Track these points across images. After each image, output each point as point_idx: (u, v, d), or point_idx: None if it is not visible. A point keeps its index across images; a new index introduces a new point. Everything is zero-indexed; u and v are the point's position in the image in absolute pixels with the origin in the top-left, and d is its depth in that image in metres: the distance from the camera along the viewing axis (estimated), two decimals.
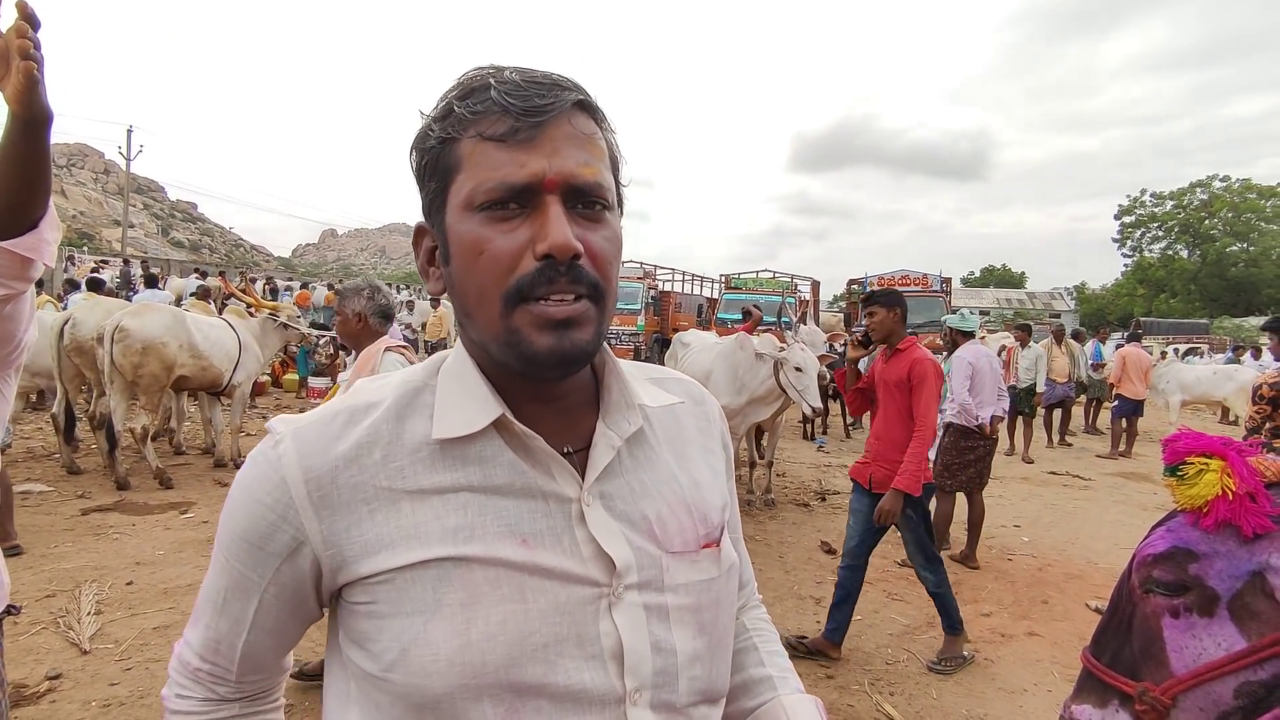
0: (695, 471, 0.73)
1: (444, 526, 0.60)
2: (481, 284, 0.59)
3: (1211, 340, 25.38)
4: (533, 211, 0.58)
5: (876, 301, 3.53)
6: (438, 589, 0.58)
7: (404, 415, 0.64)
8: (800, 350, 5.36)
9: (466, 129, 0.59)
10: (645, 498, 0.67)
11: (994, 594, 4.42)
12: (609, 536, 0.63)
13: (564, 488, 0.63)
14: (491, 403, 0.63)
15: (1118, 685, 1.05)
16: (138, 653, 3.15)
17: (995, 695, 3.20)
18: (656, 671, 0.62)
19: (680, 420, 0.76)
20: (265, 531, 0.62)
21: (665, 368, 0.83)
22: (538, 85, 0.59)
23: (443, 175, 0.61)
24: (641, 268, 16.97)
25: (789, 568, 4.67)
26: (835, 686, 3.20)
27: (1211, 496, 0.94)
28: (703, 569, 0.68)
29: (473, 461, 0.62)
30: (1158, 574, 1.00)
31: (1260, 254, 40.58)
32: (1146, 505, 6.94)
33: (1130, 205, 48.42)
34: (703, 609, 0.67)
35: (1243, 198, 42.91)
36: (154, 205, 73.23)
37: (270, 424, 0.65)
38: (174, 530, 4.72)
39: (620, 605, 0.62)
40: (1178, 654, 0.98)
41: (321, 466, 0.61)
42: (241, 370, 6.32)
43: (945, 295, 14.72)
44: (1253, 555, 0.93)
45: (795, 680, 0.82)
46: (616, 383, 0.70)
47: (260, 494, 0.62)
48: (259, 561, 0.63)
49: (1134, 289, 45.78)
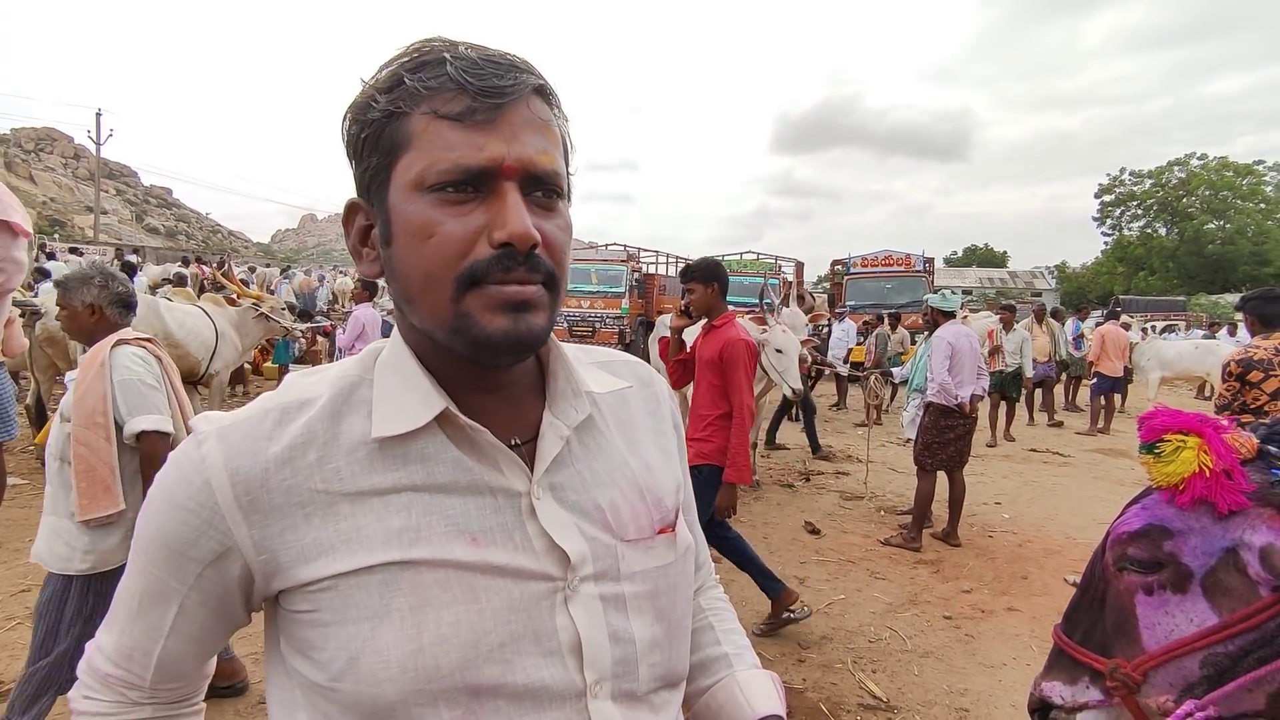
0: (647, 455, 0.72)
1: (387, 529, 0.57)
2: (429, 268, 0.56)
3: (1188, 317, 25.74)
4: (488, 196, 0.56)
5: (694, 277, 3.47)
6: (384, 594, 0.56)
7: (340, 413, 0.61)
8: (781, 332, 5.37)
9: (418, 104, 0.56)
10: (597, 486, 0.66)
11: (975, 570, 4.48)
12: (561, 529, 0.61)
13: (512, 481, 0.61)
14: (434, 396, 0.60)
15: (1088, 662, 1.06)
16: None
17: (976, 670, 3.25)
18: (616, 662, 0.61)
19: (629, 404, 0.74)
20: (188, 538, 0.58)
21: (611, 350, 0.81)
22: (495, 65, 0.56)
23: (386, 150, 0.57)
24: (625, 250, 16.87)
25: (773, 549, 4.70)
26: (818, 665, 3.23)
27: (1188, 474, 0.94)
28: (658, 554, 0.67)
29: (414, 460, 0.59)
30: (1132, 551, 1.01)
31: (1236, 231, 41.16)
32: (1124, 481, 7.05)
33: (1110, 184, 48.85)
34: (660, 594, 0.66)
35: (1220, 175, 43.42)
36: (127, 191, 71.73)
37: (194, 421, 0.61)
38: None
39: (576, 598, 0.60)
40: (1150, 630, 0.99)
41: (251, 469, 0.57)
42: (219, 359, 6.22)
43: (928, 275, 14.80)
44: (1227, 532, 0.93)
45: (751, 656, 0.82)
46: (562, 369, 0.68)
47: (182, 498, 0.58)
48: (179, 568, 0.59)
49: (1114, 267, 46.31)
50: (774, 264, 16.19)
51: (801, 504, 5.78)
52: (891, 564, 4.53)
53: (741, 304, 12.39)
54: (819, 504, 5.80)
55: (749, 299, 12.50)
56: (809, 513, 5.49)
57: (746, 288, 14.28)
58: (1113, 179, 48.78)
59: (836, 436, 8.81)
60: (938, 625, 3.68)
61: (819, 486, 6.37)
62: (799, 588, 4.04)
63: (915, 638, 3.53)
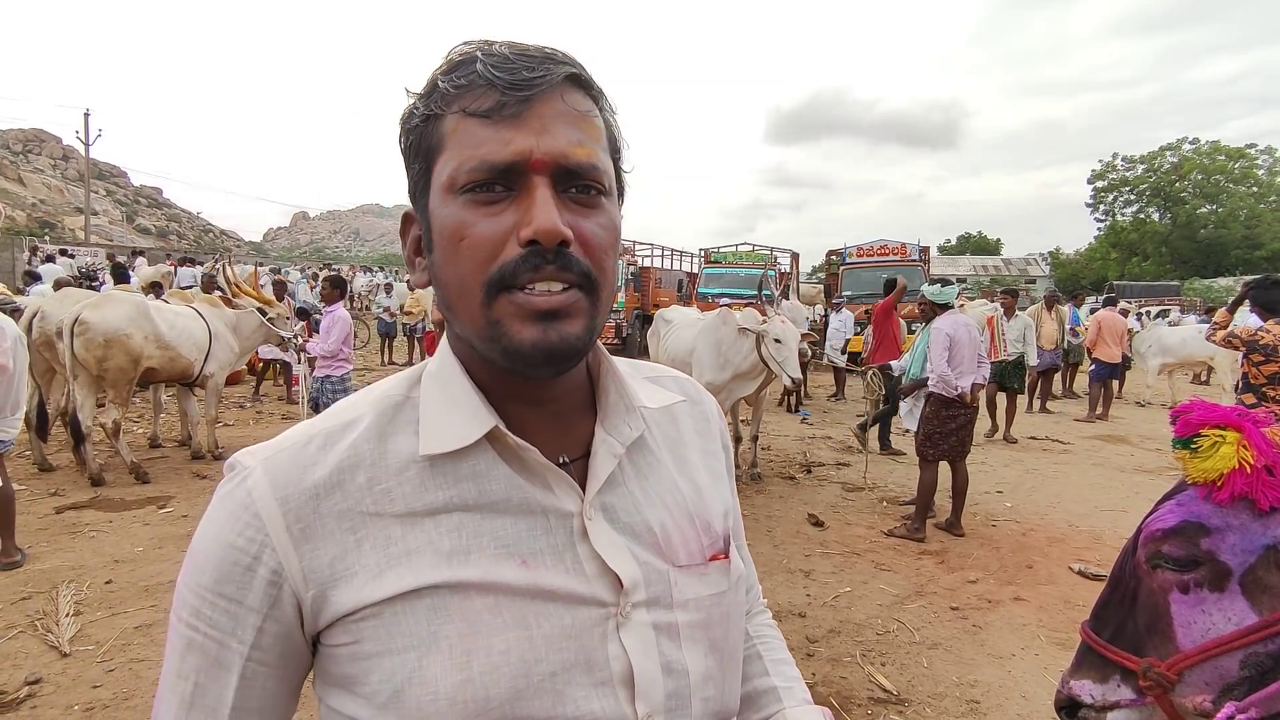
0: (696, 477, 0.69)
1: (437, 550, 0.55)
2: (462, 273, 0.54)
3: (1182, 302, 25.83)
4: (519, 194, 0.54)
5: None
6: (432, 620, 0.53)
7: (386, 433, 0.58)
8: (780, 323, 5.37)
9: (450, 104, 0.54)
10: (649, 508, 0.63)
11: (980, 560, 4.47)
12: (614, 552, 0.58)
13: (563, 502, 0.59)
14: (483, 413, 0.58)
15: (1120, 661, 1.03)
16: (120, 653, 3.09)
17: (985, 661, 3.25)
18: (669, 695, 0.58)
19: (678, 421, 0.72)
20: (240, 578, 0.53)
21: (659, 365, 0.79)
22: (527, 58, 0.54)
23: (426, 156, 0.56)
24: (620, 244, 16.83)
25: (778, 542, 4.69)
26: (827, 659, 3.22)
27: (1228, 470, 0.92)
28: (712, 582, 0.64)
29: (465, 478, 0.57)
30: (1167, 549, 0.98)
31: (1228, 215, 41.22)
32: (1124, 467, 7.07)
33: (1103, 170, 48.83)
34: (713, 625, 0.63)
35: (1211, 160, 43.44)
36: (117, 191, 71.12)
37: (234, 459, 0.58)
38: (153, 526, 4.63)
39: (628, 626, 0.58)
40: (1185, 629, 0.97)
41: (300, 496, 0.55)
42: (213, 361, 6.17)
43: (924, 264, 14.78)
44: (1267, 529, 0.91)
45: (803, 690, 0.78)
46: (614, 384, 0.65)
47: (231, 535, 0.54)
48: (236, 623, 0.54)
49: (1107, 253, 46.38)
50: (770, 255, 16.14)
51: (804, 496, 5.78)
52: (896, 555, 4.53)
53: (740, 295, 12.38)
54: (821, 496, 5.80)
55: (747, 290, 12.48)
56: (812, 505, 5.49)
57: (744, 279, 14.26)
58: (1105, 165, 48.74)
59: (836, 428, 8.81)
60: (945, 616, 3.68)
61: (821, 478, 6.36)
62: (805, 581, 4.04)
63: (923, 629, 3.53)
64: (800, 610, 3.67)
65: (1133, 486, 6.27)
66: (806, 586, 3.97)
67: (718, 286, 14.60)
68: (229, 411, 8.16)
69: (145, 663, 3.01)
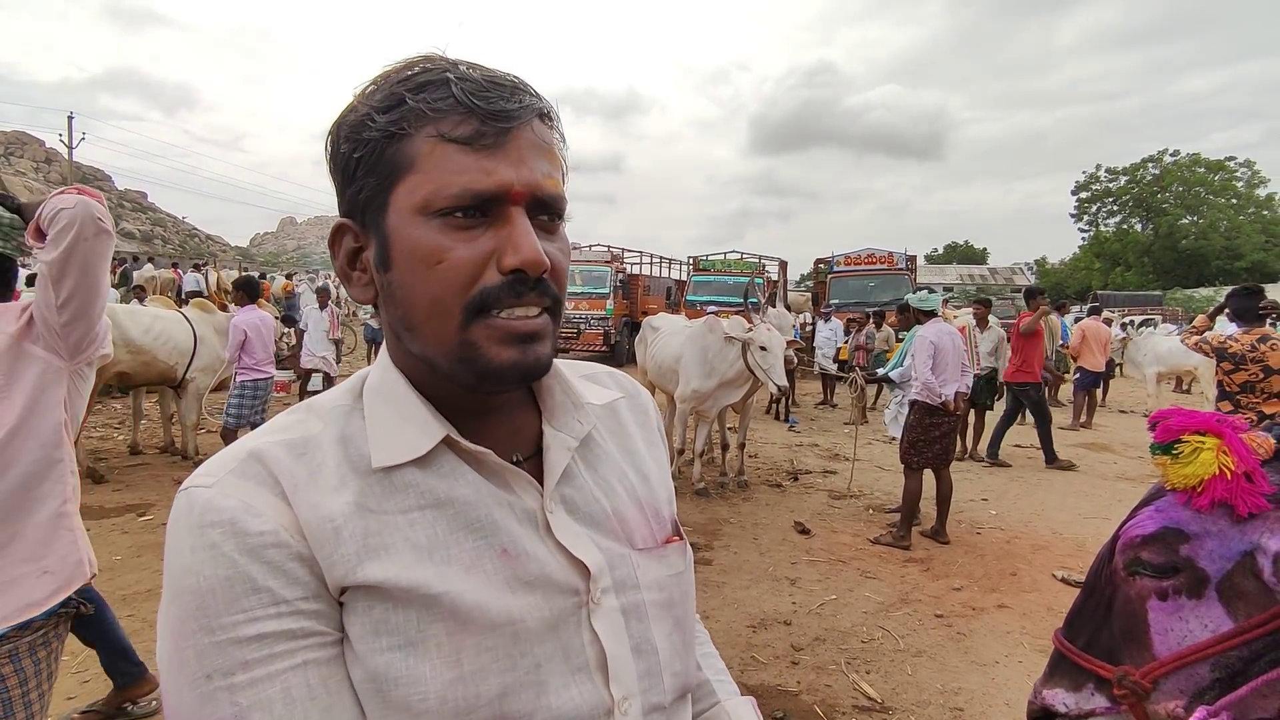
0: (643, 466, 0.72)
1: (415, 546, 0.54)
2: (437, 294, 0.55)
3: (1165, 311, 26.14)
4: (495, 222, 0.55)
5: None
6: (421, 618, 0.52)
7: (347, 439, 0.58)
8: (766, 330, 5.39)
9: (423, 125, 0.54)
10: (605, 497, 0.65)
11: (964, 568, 4.49)
12: (577, 541, 0.60)
13: (524, 499, 0.60)
14: (433, 424, 0.59)
15: (1094, 669, 1.03)
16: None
17: (969, 669, 3.25)
18: (640, 675, 0.61)
19: (619, 415, 0.75)
20: (270, 574, 0.50)
21: (594, 365, 0.81)
22: (500, 87, 0.55)
23: (387, 172, 0.55)
24: (609, 251, 16.84)
25: (764, 549, 4.69)
26: (812, 667, 3.22)
27: (1208, 475, 0.91)
28: (670, 564, 0.67)
29: (433, 479, 0.57)
30: (1146, 556, 0.98)
31: (1209, 226, 41.83)
32: (1107, 475, 7.13)
33: (1086, 181, 49.45)
34: (675, 604, 0.66)
35: (1192, 172, 44.13)
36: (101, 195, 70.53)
37: (191, 481, 0.54)
38: (132, 534, 4.57)
39: (599, 611, 0.60)
40: (1161, 636, 0.96)
41: (286, 487, 0.54)
42: (198, 365, 6.11)
43: (910, 273, 14.90)
44: (1245, 535, 0.91)
45: (731, 684, 0.82)
46: (558, 383, 0.68)
47: (232, 538, 0.50)
48: (300, 619, 0.50)
49: (1091, 262, 46.91)
50: (758, 263, 16.22)
51: (790, 504, 5.78)
52: (882, 563, 4.54)
53: (727, 303, 12.42)
54: (808, 503, 5.81)
55: (736, 298, 12.52)
56: (798, 512, 5.49)
57: (732, 287, 14.32)
58: (1089, 176, 49.39)
59: (823, 435, 8.84)
60: (930, 624, 3.69)
61: (807, 486, 6.37)
62: (790, 589, 4.04)
63: (908, 637, 3.53)
64: (785, 618, 3.67)
65: (1115, 494, 6.32)
66: (792, 594, 3.97)
67: (706, 294, 14.65)
68: (217, 418, 8.06)
69: None
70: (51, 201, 1.45)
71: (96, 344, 1.58)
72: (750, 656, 3.28)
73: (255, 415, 5.58)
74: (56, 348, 1.52)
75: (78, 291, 1.47)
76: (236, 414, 5.52)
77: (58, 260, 1.43)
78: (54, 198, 1.46)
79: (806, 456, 7.55)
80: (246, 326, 5.50)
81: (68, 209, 1.43)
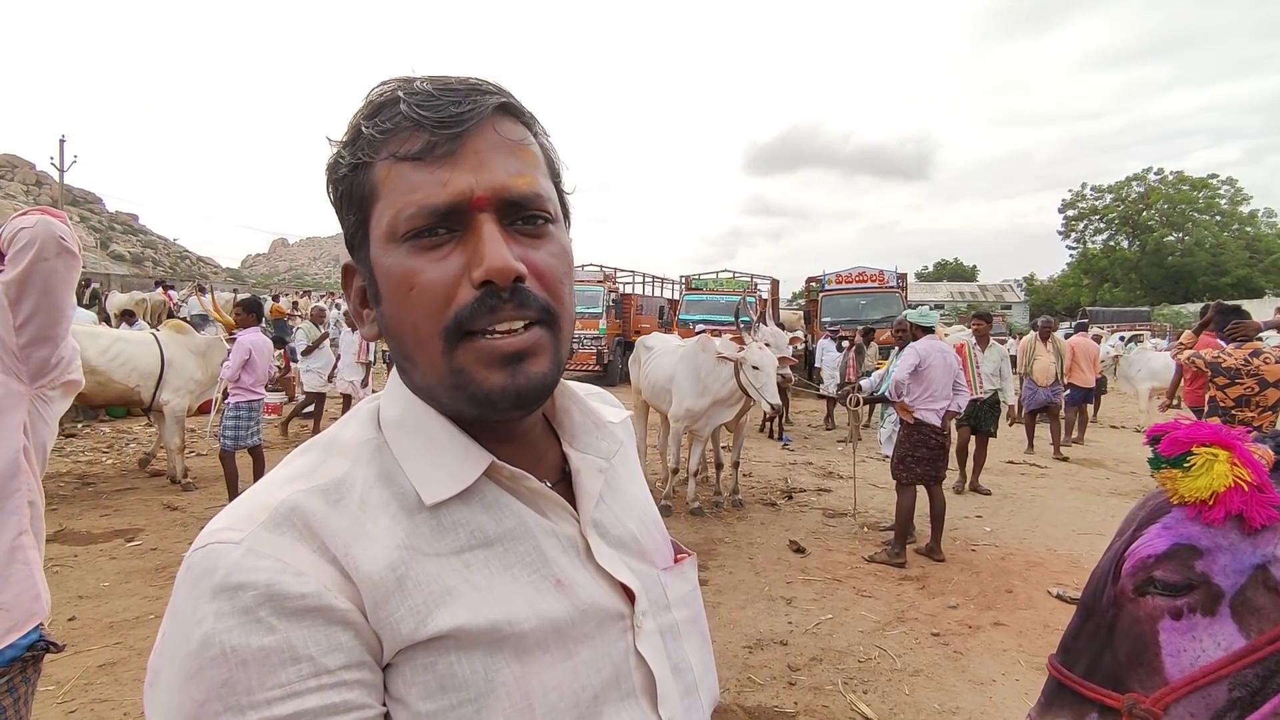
0: (643, 486, 0.73)
1: (475, 587, 0.51)
2: (416, 322, 0.52)
3: (1153, 327, 26.37)
4: (464, 234, 0.52)
5: None
6: (489, 668, 0.49)
7: (389, 476, 0.54)
8: (758, 349, 5.40)
9: (379, 151, 0.52)
10: (627, 519, 0.65)
11: (960, 586, 4.48)
12: (615, 565, 0.60)
13: (563, 525, 0.59)
14: (474, 451, 0.55)
15: (1098, 698, 0.97)
16: (82, 694, 2.98)
17: (966, 688, 3.23)
18: (682, 694, 0.61)
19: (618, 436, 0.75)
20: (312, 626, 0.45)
21: (587, 384, 0.80)
22: (452, 92, 0.52)
23: (360, 206, 0.54)
24: (602, 270, 16.89)
25: (759, 569, 4.67)
26: (809, 687, 3.19)
27: (1222, 488, 0.89)
28: (689, 579, 0.68)
29: (479, 512, 0.55)
30: (1161, 574, 0.94)
31: (1194, 243, 42.34)
32: (1100, 490, 7.15)
33: (1073, 199, 50.04)
34: (698, 618, 0.67)
35: (1176, 190, 44.74)
36: (91, 217, 70.14)
37: (209, 534, 0.48)
38: (120, 560, 4.50)
39: (642, 634, 0.59)
40: (1174, 658, 0.92)
41: (329, 537, 0.49)
42: (167, 388, 6.05)
43: (902, 290, 14.99)
44: (1257, 548, 0.89)
45: None
46: (575, 405, 0.66)
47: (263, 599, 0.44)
48: (347, 689, 0.45)
49: (1079, 279, 47.34)
50: (750, 282, 16.29)
51: (785, 522, 5.76)
52: (877, 581, 4.52)
53: (719, 322, 12.45)
54: (803, 522, 5.79)
55: (728, 317, 12.55)
56: (793, 531, 5.47)
57: (724, 306, 14.37)
58: (1075, 194, 49.98)
59: (816, 453, 8.83)
60: (926, 643, 3.67)
61: (802, 504, 6.36)
62: (786, 609, 4.02)
63: (904, 656, 3.51)
64: (782, 638, 3.64)
65: (1109, 509, 6.33)
66: (788, 614, 3.94)
67: (698, 313, 14.68)
68: (201, 440, 7.98)
69: (108, 703, 2.90)
70: (11, 222, 1.42)
71: (62, 368, 1.51)
72: (747, 678, 3.25)
73: (252, 437, 5.55)
74: (16, 371, 1.44)
75: (38, 313, 1.42)
76: (234, 435, 5.47)
77: (16, 280, 1.39)
78: (14, 218, 1.43)
79: (800, 475, 7.54)
80: (252, 346, 5.48)
81: (27, 228, 1.40)
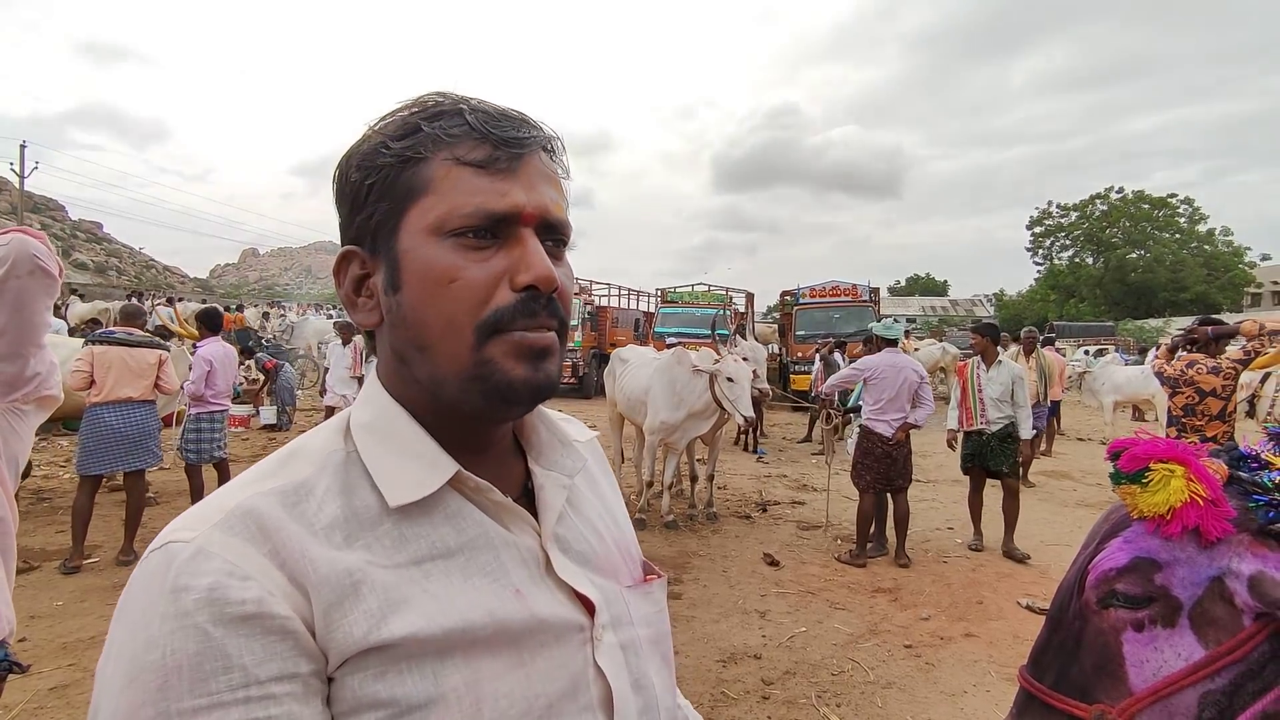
0: (613, 508, 0.74)
1: (433, 596, 0.52)
2: (450, 314, 0.55)
3: (1118, 341, 27.00)
4: (506, 242, 0.57)
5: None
6: (438, 674, 0.50)
7: (348, 488, 0.55)
8: (733, 362, 5.42)
9: (438, 150, 0.56)
10: (591, 536, 0.66)
11: (932, 597, 4.51)
12: (576, 577, 0.61)
13: (524, 538, 0.60)
14: (442, 458, 0.57)
15: (1067, 709, 0.99)
16: (32, 717, 2.87)
17: (937, 699, 3.25)
18: (640, 711, 0.61)
19: (587, 456, 0.75)
20: (248, 647, 0.44)
21: (558, 411, 0.81)
22: (510, 119, 0.58)
23: (401, 196, 0.56)
24: (577, 283, 16.88)
25: (733, 582, 4.66)
26: (782, 701, 3.18)
27: (1179, 503, 0.91)
28: (655, 600, 0.69)
29: (440, 523, 0.56)
30: (1122, 587, 0.96)
31: (1155, 260, 43.53)
32: (1068, 502, 7.27)
33: (1039, 216, 51.18)
34: (661, 640, 0.68)
35: (1137, 208, 46.02)
36: (53, 225, 68.37)
37: (168, 535, 0.49)
38: (75, 577, 4.35)
39: (602, 647, 0.60)
40: (1137, 669, 0.94)
41: (281, 539, 0.49)
42: None
43: (874, 304, 15.19)
44: (1213, 560, 0.91)
45: (696, 715, 0.82)
46: (543, 423, 0.69)
47: (208, 606, 0.44)
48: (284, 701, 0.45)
49: (1047, 294, 48.33)
50: (726, 295, 16.40)
51: (759, 535, 5.77)
52: (850, 594, 4.53)
53: (696, 335, 12.50)
54: (777, 535, 5.80)
55: (704, 330, 12.61)
56: (767, 544, 5.48)
57: (700, 319, 14.43)
58: (1042, 211, 51.09)
59: (791, 466, 8.87)
60: (899, 655, 3.68)
61: (776, 517, 6.37)
62: (760, 622, 4.01)
63: (877, 668, 3.52)
64: (756, 652, 3.63)
65: (1076, 520, 6.44)
66: (762, 627, 3.94)
67: (674, 326, 14.73)
68: (167, 454, 7.77)
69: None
70: None
71: (37, 383, 1.55)
72: (720, 692, 3.23)
73: (216, 450, 5.41)
74: None
75: (8, 329, 1.46)
76: (196, 449, 5.34)
77: None
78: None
79: (775, 487, 7.56)
80: (213, 358, 5.36)
81: (1, 246, 1.43)
